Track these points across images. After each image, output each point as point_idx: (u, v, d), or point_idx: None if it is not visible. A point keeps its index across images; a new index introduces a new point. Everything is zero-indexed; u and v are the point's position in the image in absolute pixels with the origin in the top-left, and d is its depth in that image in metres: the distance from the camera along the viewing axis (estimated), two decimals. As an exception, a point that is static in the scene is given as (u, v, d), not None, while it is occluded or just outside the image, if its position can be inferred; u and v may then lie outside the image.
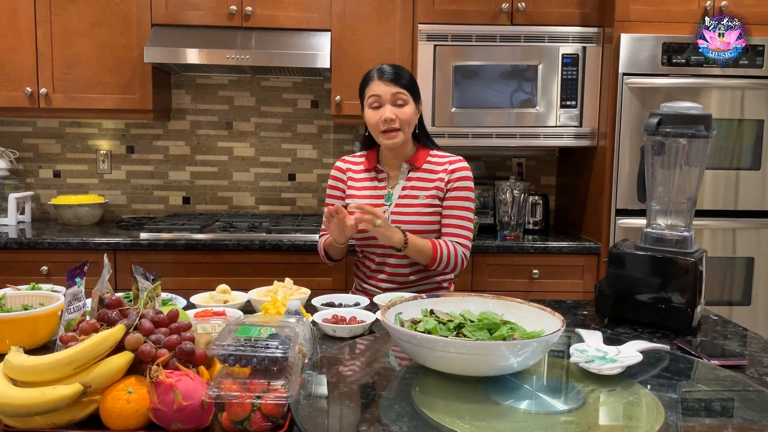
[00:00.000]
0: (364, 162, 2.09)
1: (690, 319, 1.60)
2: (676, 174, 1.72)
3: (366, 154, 2.10)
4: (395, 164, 2.05)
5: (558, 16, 2.98)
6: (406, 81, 1.97)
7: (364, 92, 1.99)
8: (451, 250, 1.93)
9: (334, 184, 2.12)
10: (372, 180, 2.06)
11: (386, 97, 1.93)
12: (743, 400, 1.17)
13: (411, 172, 2.03)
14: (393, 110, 1.93)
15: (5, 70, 2.97)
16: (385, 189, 2.04)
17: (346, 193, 2.09)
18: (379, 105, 1.94)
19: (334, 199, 2.10)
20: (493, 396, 1.12)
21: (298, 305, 1.40)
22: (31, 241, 2.79)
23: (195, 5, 3.00)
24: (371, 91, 1.95)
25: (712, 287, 2.90)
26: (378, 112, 1.94)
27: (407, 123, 1.95)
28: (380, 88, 1.93)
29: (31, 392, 0.99)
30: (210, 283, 2.05)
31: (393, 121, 1.92)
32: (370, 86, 1.96)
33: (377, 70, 1.97)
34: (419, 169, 2.02)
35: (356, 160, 2.12)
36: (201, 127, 3.46)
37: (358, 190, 2.06)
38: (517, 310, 1.35)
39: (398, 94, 1.93)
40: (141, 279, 1.35)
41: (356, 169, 2.09)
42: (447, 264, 1.94)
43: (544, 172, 3.56)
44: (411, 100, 1.97)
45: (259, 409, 0.99)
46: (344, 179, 2.10)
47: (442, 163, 2.03)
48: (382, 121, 1.93)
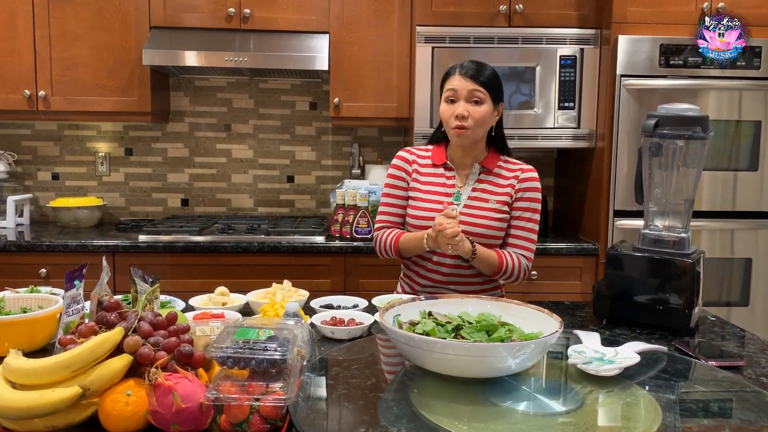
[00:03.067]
0: (432, 156, 2.01)
1: (688, 320, 1.60)
2: (674, 175, 1.72)
3: (433, 148, 2.02)
4: (465, 164, 1.98)
5: (555, 18, 2.99)
6: (486, 79, 1.89)
7: (443, 85, 1.94)
8: (516, 262, 1.89)
9: (397, 174, 2.00)
10: (440, 176, 1.98)
11: (462, 92, 1.87)
12: (741, 401, 1.18)
13: (482, 174, 1.97)
14: (467, 107, 1.86)
15: (3, 72, 2.98)
16: (453, 188, 1.96)
17: (410, 185, 1.99)
18: (454, 99, 1.88)
19: (398, 190, 2.00)
20: (491, 397, 1.13)
21: (297, 307, 1.40)
22: (30, 243, 2.79)
23: (193, 7, 3.00)
24: (449, 85, 1.90)
25: (710, 288, 2.90)
26: (452, 106, 1.88)
27: (480, 122, 1.88)
28: (458, 83, 1.88)
29: (29, 395, 0.99)
30: (208, 286, 2.05)
31: (465, 118, 1.86)
32: (450, 80, 1.91)
33: (459, 65, 1.92)
34: (491, 172, 1.97)
35: (422, 153, 2.03)
36: (199, 129, 3.47)
37: (424, 184, 1.97)
38: (516, 311, 1.36)
39: (475, 91, 1.86)
40: (139, 281, 1.36)
41: (423, 163, 2.00)
42: (510, 275, 1.89)
43: (542, 174, 3.51)
44: (488, 100, 1.89)
45: (257, 411, 0.99)
46: (410, 171, 2.00)
47: (514, 169, 1.98)
48: (454, 116, 1.87)
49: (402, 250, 1.94)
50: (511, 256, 1.89)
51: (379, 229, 2.00)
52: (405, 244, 1.92)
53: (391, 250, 1.95)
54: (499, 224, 1.91)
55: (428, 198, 1.94)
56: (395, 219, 2.00)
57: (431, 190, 1.96)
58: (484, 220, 1.90)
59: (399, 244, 1.93)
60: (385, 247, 1.96)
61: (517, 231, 1.93)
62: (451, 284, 1.94)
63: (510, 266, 1.87)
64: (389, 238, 1.95)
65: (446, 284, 1.94)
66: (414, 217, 1.95)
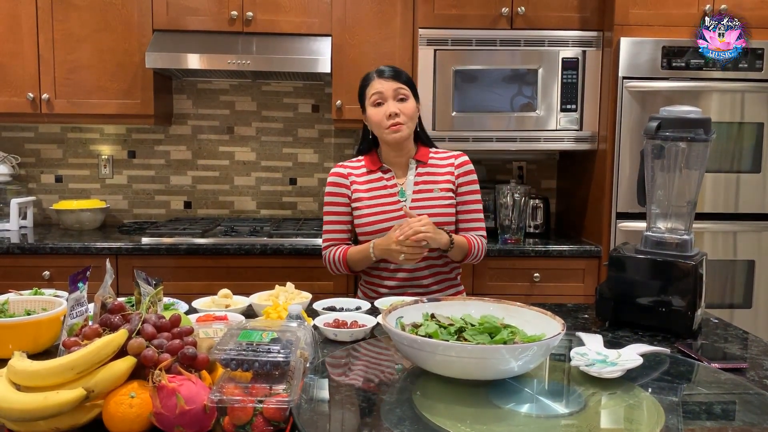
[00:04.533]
0: (365, 164, 2.08)
1: (690, 323, 1.60)
2: (676, 177, 1.72)
3: (363, 158, 2.10)
4: (400, 162, 2.06)
5: (558, 20, 2.99)
6: (406, 78, 2.02)
7: (365, 93, 2.02)
8: (478, 243, 2.02)
9: (336, 191, 2.07)
10: (379, 180, 2.05)
11: (388, 92, 1.97)
12: (744, 403, 1.17)
13: (419, 168, 2.05)
14: (396, 105, 1.96)
15: (7, 75, 2.99)
16: (395, 186, 2.04)
17: (352, 197, 2.06)
18: (382, 101, 1.97)
19: (338, 206, 2.06)
20: (494, 399, 1.13)
21: (300, 309, 1.40)
22: (33, 246, 2.79)
23: (196, 11, 3.01)
24: (373, 90, 1.98)
25: (713, 290, 2.90)
26: (381, 108, 1.97)
27: (411, 117, 1.98)
28: (382, 85, 1.97)
29: (34, 397, 0.99)
30: (211, 288, 2.05)
31: (398, 115, 1.95)
32: (371, 85, 2.00)
33: (376, 71, 2.02)
34: (426, 164, 2.06)
35: (355, 164, 2.10)
36: (202, 131, 3.47)
37: (366, 192, 2.04)
38: (518, 313, 1.36)
39: (400, 89, 1.97)
40: (143, 284, 1.36)
41: (358, 173, 2.08)
42: (476, 257, 2.04)
43: (544, 176, 3.56)
44: (412, 96, 2.00)
45: (261, 414, 0.99)
46: (347, 184, 2.07)
47: (446, 158, 2.09)
48: (387, 115, 1.95)
49: (351, 264, 2.02)
50: (475, 238, 2.02)
51: (327, 248, 2.07)
52: (353, 257, 2.00)
53: (341, 266, 2.03)
54: (448, 210, 2.02)
55: (374, 203, 2.02)
56: (340, 235, 2.08)
57: (375, 195, 2.03)
58: (434, 209, 2.00)
59: (348, 259, 2.01)
60: (335, 264, 2.04)
61: (469, 215, 2.06)
62: (419, 279, 2.02)
63: (476, 248, 2.01)
64: (336, 254, 2.03)
65: (412, 280, 2.02)
66: (364, 224, 2.02)
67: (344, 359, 1.37)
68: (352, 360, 1.38)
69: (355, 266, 2.03)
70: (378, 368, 1.36)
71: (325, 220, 2.09)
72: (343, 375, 1.29)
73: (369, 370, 1.35)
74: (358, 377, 1.28)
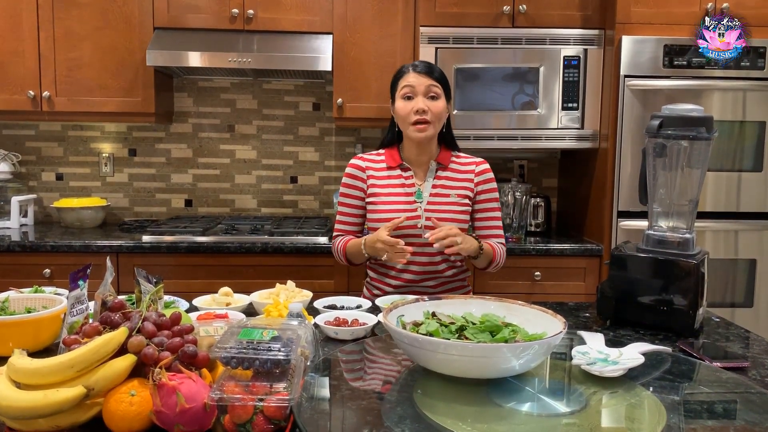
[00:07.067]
0: (386, 159, 2.04)
1: (692, 321, 1.59)
2: (678, 176, 1.72)
3: (385, 152, 2.06)
4: (421, 161, 2.02)
5: (559, 19, 2.99)
6: (440, 75, 1.96)
7: (397, 84, 1.98)
8: (500, 250, 2.04)
9: (352, 183, 2.04)
10: (398, 177, 2.01)
11: (420, 88, 1.92)
12: (745, 402, 1.17)
13: (439, 170, 2.02)
14: (426, 102, 1.92)
15: (8, 73, 2.98)
16: (413, 186, 2.00)
17: (367, 192, 2.03)
18: (412, 95, 1.93)
19: (352, 199, 2.04)
20: (495, 398, 1.12)
21: (300, 308, 1.41)
22: (34, 244, 2.79)
23: (197, 8, 3.01)
24: (405, 82, 1.94)
25: (714, 289, 2.90)
26: (410, 103, 1.93)
27: (438, 117, 1.94)
28: (415, 79, 1.93)
29: (34, 395, 0.99)
30: (212, 286, 2.05)
31: (425, 113, 1.91)
32: (404, 77, 1.95)
33: (411, 64, 1.98)
34: (447, 168, 2.02)
35: (375, 158, 2.06)
36: (203, 129, 3.47)
37: (383, 188, 2.01)
38: (519, 312, 1.35)
39: (432, 87, 1.92)
40: (143, 282, 1.36)
41: (377, 167, 2.04)
42: (497, 264, 2.05)
43: (545, 174, 3.56)
44: (443, 96, 1.95)
45: (261, 412, 0.99)
46: (364, 178, 2.03)
47: (467, 164, 2.05)
48: (414, 111, 1.91)
49: (350, 257, 2.02)
50: (497, 245, 2.03)
51: (335, 237, 2.08)
52: (350, 249, 2.01)
53: (342, 256, 2.04)
54: (462, 216, 2.00)
55: (390, 200, 2.00)
56: (350, 228, 2.07)
57: (391, 192, 2.01)
58: (448, 213, 1.98)
59: (347, 251, 2.01)
60: (337, 254, 2.06)
61: (489, 222, 2.05)
62: (424, 281, 2.01)
63: (499, 256, 2.03)
64: (339, 245, 2.04)
65: (419, 282, 2.00)
66: (376, 220, 2.00)
67: (345, 357, 1.37)
68: (352, 358, 1.37)
69: (352, 258, 2.02)
70: (378, 367, 1.36)
71: (338, 211, 2.09)
72: (343, 373, 1.28)
73: (369, 368, 1.34)
74: (359, 376, 1.28)
